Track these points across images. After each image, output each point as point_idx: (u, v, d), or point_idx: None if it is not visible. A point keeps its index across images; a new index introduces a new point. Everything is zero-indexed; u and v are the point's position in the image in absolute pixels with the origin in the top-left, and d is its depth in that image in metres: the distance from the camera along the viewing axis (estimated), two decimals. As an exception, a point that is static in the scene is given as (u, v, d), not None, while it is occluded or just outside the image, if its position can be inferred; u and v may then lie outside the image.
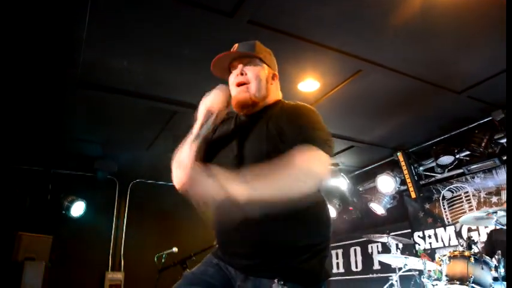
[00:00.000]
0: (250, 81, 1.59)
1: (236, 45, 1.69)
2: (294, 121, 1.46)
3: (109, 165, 5.77)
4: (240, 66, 1.62)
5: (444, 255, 3.47)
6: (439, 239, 5.42)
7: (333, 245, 7.32)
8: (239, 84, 1.60)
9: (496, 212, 3.29)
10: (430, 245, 5.52)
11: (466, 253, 3.34)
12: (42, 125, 4.64)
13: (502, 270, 3.17)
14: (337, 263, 7.07)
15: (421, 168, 5.72)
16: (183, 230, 6.58)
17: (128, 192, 6.68)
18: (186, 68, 3.60)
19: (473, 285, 3.05)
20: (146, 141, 5.26)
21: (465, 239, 4.89)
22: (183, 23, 3.03)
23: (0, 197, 5.32)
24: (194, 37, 3.19)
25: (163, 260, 4.89)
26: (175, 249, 4.98)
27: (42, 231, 5.16)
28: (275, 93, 1.69)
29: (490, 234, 4.06)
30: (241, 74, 1.61)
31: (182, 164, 1.49)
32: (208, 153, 1.59)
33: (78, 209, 5.74)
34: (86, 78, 3.70)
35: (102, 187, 6.20)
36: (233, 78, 1.63)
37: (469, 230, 4.95)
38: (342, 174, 6.53)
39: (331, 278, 6.42)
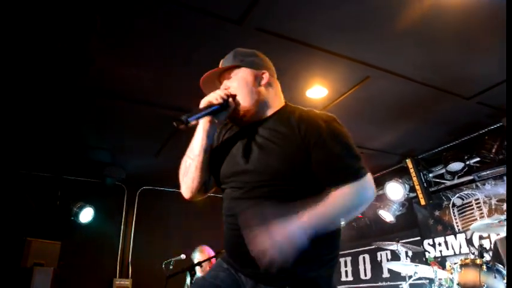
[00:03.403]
0: (235, 93, 1.53)
1: (221, 61, 1.66)
2: (320, 143, 1.39)
3: (118, 171, 5.80)
4: (224, 82, 1.60)
5: (455, 263, 3.43)
6: (450, 247, 5.34)
7: (341, 252, 7.25)
8: None
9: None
10: (441, 253, 5.44)
11: (478, 261, 3.29)
12: (52, 132, 4.69)
13: (515, 279, 3.11)
14: (346, 271, 7.00)
15: (430, 175, 5.66)
16: (191, 237, 6.59)
17: (136, 199, 6.71)
18: (195, 75, 3.59)
19: (485, 294, 3.00)
20: (155, 148, 5.28)
21: (477, 246, 4.83)
22: (192, 31, 3.05)
23: (10, 202, 5.37)
24: (202, 45, 3.21)
25: (171, 267, 4.89)
26: (183, 256, 4.99)
27: (51, 237, 5.20)
28: (271, 94, 1.59)
29: (496, 244, 4.00)
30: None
31: (185, 178, 1.60)
32: (212, 166, 1.59)
33: (86, 215, 5.78)
34: (95, 86, 3.74)
35: (111, 194, 6.24)
36: None
37: (481, 237, 4.88)
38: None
39: (339, 286, 6.33)
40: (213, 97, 1.49)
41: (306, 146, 1.39)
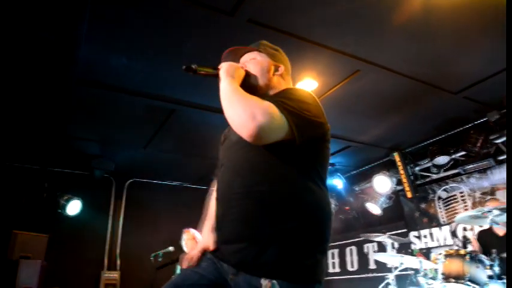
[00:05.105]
0: (248, 71, 1.68)
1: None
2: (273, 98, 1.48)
3: (106, 163, 5.76)
4: (241, 60, 1.75)
5: (440, 254, 3.50)
6: (435, 239, 5.46)
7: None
8: None
9: (491, 211, 3.32)
10: (426, 245, 5.56)
11: (462, 252, 3.38)
12: (39, 123, 4.63)
13: (496, 269, 3.21)
14: (333, 263, 7.10)
15: (417, 168, 5.76)
16: (180, 229, 6.59)
17: (125, 191, 6.67)
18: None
19: (468, 283, 3.09)
20: (144, 139, 5.25)
21: (460, 238, 4.95)
22: (183, 21, 3.04)
23: (-4, 195, 5.30)
24: (194, 35, 3.20)
25: (159, 259, 4.91)
26: (171, 248, 5.01)
27: (38, 230, 5.14)
28: (281, 86, 1.72)
29: (479, 235, 4.11)
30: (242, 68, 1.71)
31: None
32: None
33: (74, 207, 5.73)
34: (84, 76, 3.70)
35: (99, 186, 6.19)
36: None
37: (465, 229, 4.99)
38: (338, 174, 6.57)
39: (327, 278, 6.40)
40: (228, 65, 1.61)
41: None
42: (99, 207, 6.35)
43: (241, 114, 1.35)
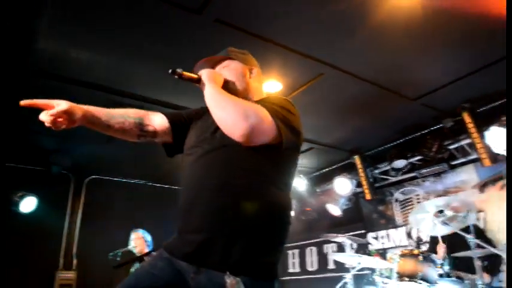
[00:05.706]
0: (226, 78, 1.71)
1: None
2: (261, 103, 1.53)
3: (64, 159, 5.56)
4: (216, 69, 1.76)
5: (395, 254, 3.64)
6: (391, 239, 5.66)
7: (289, 245, 7.47)
8: None
9: (442, 211, 3.48)
10: (383, 245, 5.75)
11: (415, 252, 3.53)
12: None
13: (446, 268, 3.38)
14: (293, 263, 7.20)
15: (376, 171, 5.96)
16: (139, 229, 6.46)
17: (83, 189, 6.47)
18: (151, 63, 3.55)
19: (421, 281, 3.23)
20: (105, 134, 5.10)
21: (415, 239, 5.16)
22: (149, 17, 3.00)
23: None
24: (160, 32, 3.17)
25: (118, 259, 4.78)
26: (130, 248, 4.91)
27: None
28: (257, 88, 1.81)
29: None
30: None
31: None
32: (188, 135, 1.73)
33: (29, 204, 5.48)
34: (44, 68, 3.57)
35: (56, 182, 5.96)
36: None
37: (418, 230, 5.21)
38: (300, 175, 6.67)
39: (287, 278, 6.47)
40: (209, 71, 1.65)
41: None
42: (56, 205, 6.09)
43: (233, 114, 1.40)
